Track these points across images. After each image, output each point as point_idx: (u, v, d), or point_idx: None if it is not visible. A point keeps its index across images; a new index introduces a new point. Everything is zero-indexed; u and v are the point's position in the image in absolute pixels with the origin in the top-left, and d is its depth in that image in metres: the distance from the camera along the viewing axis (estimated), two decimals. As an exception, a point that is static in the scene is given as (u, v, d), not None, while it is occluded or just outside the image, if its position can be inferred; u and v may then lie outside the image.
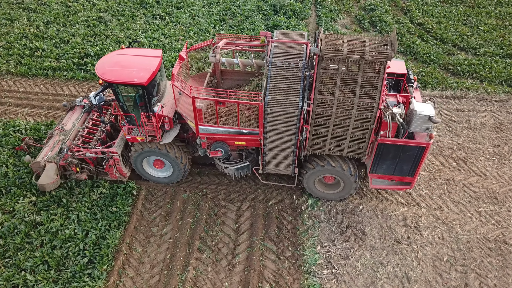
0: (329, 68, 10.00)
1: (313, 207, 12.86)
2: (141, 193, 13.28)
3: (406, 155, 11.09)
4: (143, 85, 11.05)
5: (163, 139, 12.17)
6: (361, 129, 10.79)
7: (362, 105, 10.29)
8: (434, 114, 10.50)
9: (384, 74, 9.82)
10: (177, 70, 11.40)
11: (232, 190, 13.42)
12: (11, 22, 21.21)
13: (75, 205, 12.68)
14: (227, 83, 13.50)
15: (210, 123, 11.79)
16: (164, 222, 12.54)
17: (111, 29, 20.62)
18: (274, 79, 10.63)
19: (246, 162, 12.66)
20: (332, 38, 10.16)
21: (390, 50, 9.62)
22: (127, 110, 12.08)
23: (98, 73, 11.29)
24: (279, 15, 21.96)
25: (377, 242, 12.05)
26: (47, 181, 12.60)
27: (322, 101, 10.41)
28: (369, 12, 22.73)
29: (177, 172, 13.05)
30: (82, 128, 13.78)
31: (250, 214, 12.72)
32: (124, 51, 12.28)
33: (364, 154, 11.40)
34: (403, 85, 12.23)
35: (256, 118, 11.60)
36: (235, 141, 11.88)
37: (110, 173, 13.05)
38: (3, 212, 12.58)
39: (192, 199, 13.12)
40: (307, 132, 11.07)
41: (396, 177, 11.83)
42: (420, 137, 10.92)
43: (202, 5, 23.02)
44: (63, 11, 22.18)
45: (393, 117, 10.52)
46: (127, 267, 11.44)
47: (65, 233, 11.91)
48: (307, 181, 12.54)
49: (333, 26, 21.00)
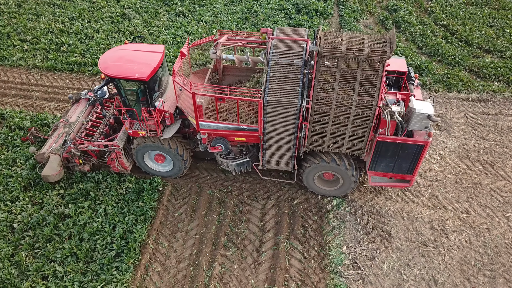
0: (328, 66, 10.04)
1: (338, 208, 12.82)
2: (166, 189, 13.38)
3: (405, 153, 11.11)
4: (144, 80, 11.18)
5: (164, 134, 12.31)
6: (360, 127, 10.82)
7: (361, 103, 10.31)
8: (433, 112, 10.48)
9: (383, 72, 9.85)
10: (178, 66, 11.55)
11: (257, 188, 13.45)
12: (37, 17, 21.51)
13: (102, 198, 12.83)
14: (228, 79, 13.65)
15: (210, 119, 11.91)
16: (189, 218, 12.61)
17: (135, 25, 20.78)
18: (273, 76, 10.70)
19: (246, 158, 12.78)
20: (331, 36, 10.20)
21: (389, 49, 9.62)
22: (129, 105, 12.21)
23: (101, 68, 11.50)
24: (301, 14, 21.90)
25: (403, 244, 11.97)
26: (51, 172, 12.80)
27: (321, 98, 10.47)
28: (392, 13, 22.56)
29: (177, 166, 13.18)
30: (86, 121, 14.01)
31: (275, 212, 12.73)
32: (127, 46, 12.46)
33: (363, 151, 11.43)
34: (403, 83, 12.22)
35: (256, 115, 11.66)
36: (235, 137, 11.99)
37: (112, 166, 13.25)
38: (32, 204, 12.78)
39: (217, 196, 13.18)
40: (306, 129, 11.13)
41: (395, 174, 11.87)
42: (419, 135, 10.90)
43: (224, 3, 23.07)
44: (88, 7, 22.42)
45: (391, 115, 10.54)
46: (154, 262, 11.54)
47: (92, 226, 12.06)
48: (307, 178, 12.59)
49: (356, 26, 20.89)
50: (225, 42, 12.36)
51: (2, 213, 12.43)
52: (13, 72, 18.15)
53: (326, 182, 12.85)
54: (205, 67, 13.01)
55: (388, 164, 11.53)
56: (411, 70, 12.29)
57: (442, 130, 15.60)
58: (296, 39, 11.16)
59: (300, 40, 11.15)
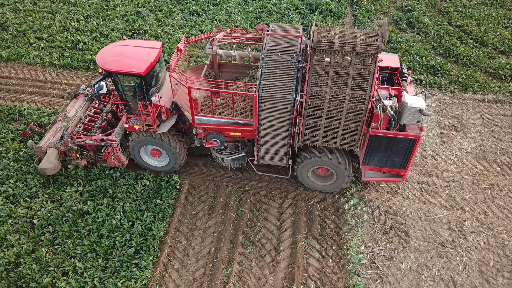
0: (322, 60, 10.18)
1: (355, 207, 12.83)
2: (184, 187, 13.44)
3: (397, 147, 11.22)
4: (140, 75, 11.33)
5: (160, 129, 12.43)
6: (353, 121, 10.94)
7: (353, 97, 10.44)
8: (424, 107, 10.56)
9: (375, 66, 9.99)
10: (174, 62, 11.66)
11: (273, 187, 13.48)
12: (52, 15, 21.68)
13: (120, 196, 12.92)
14: (225, 75, 13.82)
15: (206, 113, 12.03)
16: (207, 216, 12.67)
17: (149, 24, 20.88)
18: (268, 71, 10.84)
19: (241, 153, 12.87)
20: (324, 30, 10.36)
21: (380, 43, 9.75)
22: (126, 99, 12.34)
23: (99, 63, 11.66)
24: (315, 14, 21.90)
25: (421, 244, 11.95)
26: (48, 165, 12.95)
27: (315, 92, 10.59)
28: (406, 13, 22.49)
29: (173, 161, 13.28)
30: (84, 115, 14.17)
31: (292, 211, 12.75)
32: (125, 42, 12.64)
33: (356, 146, 11.53)
34: (396, 79, 12.33)
35: (251, 109, 11.77)
36: (230, 131, 12.14)
37: (108, 160, 13.38)
38: (51, 200, 12.90)
39: (234, 194, 13.23)
40: (301, 123, 11.23)
41: (388, 169, 11.97)
42: (411, 129, 11.01)
43: (238, 2, 23.11)
44: (102, 6, 22.55)
45: (384, 109, 10.67)
46: (172, 259, 11.61)
47: (111, 223, 12.14)
48: (301, 172, 12.68)
49: (370, 26, 20.85)
50: (221, 38, 12.54)
51: (22, 209, 12.55)
52: (29, 69, 18.31)
53: (321, 177, 13.00)
54: (202, 64, 13.22)
55: (381, 159, 11.66)
56: (404, 66, 12.47)
57: (459, 131, 15.55)
58: (291, 35, 11.35)
59: (294, 35, 11.32)
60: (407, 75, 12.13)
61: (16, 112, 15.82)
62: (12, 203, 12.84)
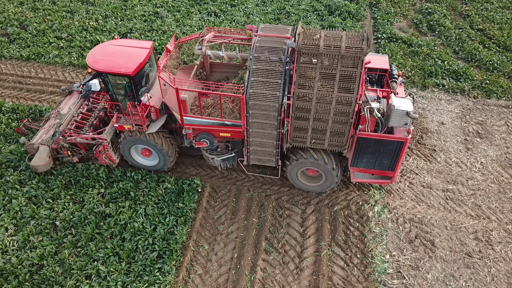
0: (310, 62, 10.14)
1: (379, 215, 12.64)
2: (205, 190, 13.35)
3: (385, 150, 11.12)
4: (129, 75, 11.32)
5: (149, 129, 12.43)
6: (340, 123, 10.93)
7: (340, 99, 10.41)
8: (412, 109, 10.46)
9: (361, 69, 9.89)
10: (163, 63, 11.59)
11: (296, 192, 13.33)
12: (71, 14, 21.69)
13: (142, 199, 12.85)
14: (216, 76, 13.80)
15: (196, 114, 12.01)
16: (229, 220, 12.56)
17: (168, 24, 20.81)
18: (255, 72, 10.80)
19: (231, 153, 12.85)
20: (309, 32, 10.31)
21: (365, 46, 9.71)
22: (116, 99, 12.32)
23: (88, 62, 11.67)
24: (334, 16, 21.69)
25: (448, 254, 11.74)
26: (39, 163, 13.04)
27: (302, 95, 10.53)
28: (426, 16, 22.18)
29: (162, 161, 13.29)
30: (77, 113, 14.20)
31: (315, 218, 12.60)
32: (116, 41, 12.60)
33: (344, 147, 11.48)
34: (385, 81, 12.23)
35: (240, 111, 11.76)
36: (219, 132, 12.14)
37: (99, 158, 13.41)
38: (73, 202, 12.87)
39: (256, 199, 13.10)
40: (288, 125, 11.17)
41: (377, 171, 11.89)
42: (399, 132, 10.96)
43: (256, 3, 22.96)
44: (120, 5, 22.52)
45: (371, 112, 10.59)
46: (195, 264, 11.52)
47: (134, 226, 12.08)
48: (290, 173, 12.70)
49: (390, 29, 20.58)
50: (211, 38, 12.50)
51: (44, 210, 12.53)
52: (49, 69, 18.32)
53: (310, 178, 12.96)
54: (192, 64, 13.29)
55: (370, 161, 11.56)
56: (394, 67, 12.37)
57: (483, 137, 15.28)
58: (279, 36, 11.31)
59: (282, 37, 11.28)
60: (397, 76, 12.09)
61: (37, 112, 15.84)
62: (35, 204, 12.83)
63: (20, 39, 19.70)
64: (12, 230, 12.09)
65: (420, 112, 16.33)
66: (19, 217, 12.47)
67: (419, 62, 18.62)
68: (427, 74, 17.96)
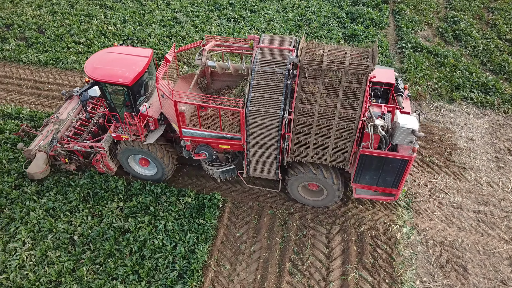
0: (311, 78, 9.79)
1: (408, 237, 12.12)
2: (226, 206, 12.94)
3: (389, 167, 10.75)
4: (127, 85, 10.99)
5: (147, 139, 12.16)
6: (343, 139, 10.61)
7: (343, 116, 10.12)
8: (417, 127, 10.04)
9: (366, 85, 9.59)
10: (162, 73, 11.28)
11: (320, 211, 12.85)
12: (89, 18, 21.44)
13: (162, 214, 12.48)
14: (217, 84, 13.46)
15: (196, 125, 11.83)
16: (251, 239, 12.13)
17: (187, 30, 20.44)
18: (256, 86, 10.48)
19: (231, 165, 12.49)
20: (313, 47, 9.94)
21: (370, 63, 9.43)
22: (114, 108, 12.00)
23: (86, 70, 11.34)
24: (356, 24, 21.14)
25: (481, 281, 11.18)
26: (36, 170, 12.83)
27: (304, 110, 10.19)
28: (451, 25, 21.52)
29: (160, 171, 13.03)
30: (76, 119, 13.94)
31: (341, 239, 12.11)
32: (115, 49, 12.24)
33: (347, 164, 11.14)
34: (390, 95, 11.80)
35: (239, 123, 11.44)
36: (219, 144, 11.80)
37: (97, 166, 13.18)
38: (92, 216, 12.54)
39: (279, 217, 12.66)
40: (289, 139, 10.89)
41: (380, 188, 11.44)
42: (403, 149, 10.55)
43: (276, 9, 22.50)
44: (139, 10, 22.22)
45: (375, 129, 10.22)
46: (217, 285, 11.11)
47: (153, 243, 11.72)
48: (291, 187, 12.41)
49: (415, 38, 19.98)
50: (211, 48, 12.19)
51: (62, 224, 12.23)
52: (67, 74, 18.06)
53: (311, 192, 12.61)
54: (192, 72, 12.98)
55: (373, 177, 11.18)
56: (400, 81, 11.94)
57: (515, 155, 14.66)
58: (281, 48, 10.86)
59: (285, 49, 10.83)
60: (403, 90, 11.64)
61: (55, 119, 15.55)
62: (52, 216, 12.53)
63: (38, 43, 19.49)
64: (30, 244, 11.80)
65: (448, 127, 15.75)
66: (37, 230, 12.18)
67: (446, 73, 18.00)
68: (454, 87, 17.35)
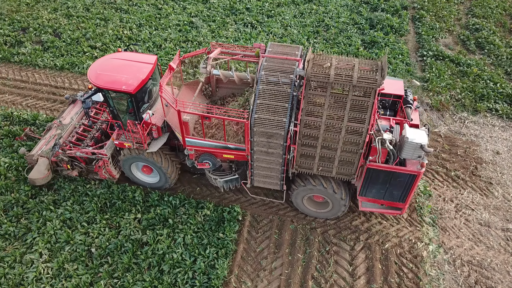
0: (317, 90, 9.64)
1: (435, 255, 11.72)
2: (246, 219, 12.62)
3: (396, 181, 10.53)
4: (130, 93, 10.78)
5: (150, 148, 11.95)
6: (350, 153, 10.37)
7: (350, 129, 9.91)
8: (426, 142, 9.78)
9: (374, 99, 9.40)
10: (166, 81, 11.04)
11: (343, 226, 12.49)
12: (105, 22, 21.24)
13: (181, 227, 12.19)
14: (222, 91, 13.21)
15: (199, 133, 11.71)
16: (273, 255, 11.80)
17: (203, 35, 20.17)
18: (261, 96, 10.29)
19: (235, 175, 12.34)
20: (320, 60, 9.69)
21: (379, 77, 9.20)
22: (117, 115, 11.82)
23: (89, 77, 11.12)
24: (375, 30, 20.73)
25: (512, 304, 10.77)
26: (38, 176, 12.64)
27: (310, 122, 10.01)
28: (473, 32, 21.02)
29: (163, 179, 12.89)
30: (79, 124, 13.78)
31: (365, 256, 11.74)
32: (119, 54, 12.03)
33: (353, 177, 10.92)
34: (399, 108, 11.51)
35: (244, 134, 11.20)
36: (223, 154, 11.52)
37: (99, 173, 12.98)
38: (109, 227, 12.29)
39: (300, 232, 12.32)
40: (295, 151, 10.69)
41: (387, 202, 11.18)
42: (411, 164, 10.31)
43: (293, 14, 22.15)
44: (154, 14, 21.98)
45: (382, 143, 10.00)
46: (238, 303, 10.81)
47: (172, 257, 11.43)
48: (296, 198, 12.18)
49: (437, 46, 19.53)
50: (216, 56, 11.94)
51: (79, 235, 11.99)
52: (83, 79, 17.86)
53: (316, 203, 12.35)
54: (197, 79, 12.79)
55: (379, 191, 10.95)
56: (409, 92, 11.66)
57: (543, 170, 14.18)
58: (288, 58, 10.63)
59: (291, 59, 10.61)
60: (412, 101, 11.37)
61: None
62: (69, 227, 12.30)
63: (54, 47, 19.32)
64: (47, 256, 11.57)
65: (473, 140, 15.30)
66: (54, 241, 11.95)
67: (469, 83, 17.55)
68: (478, 97, 16.89)
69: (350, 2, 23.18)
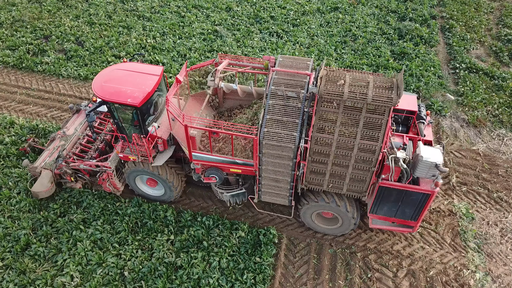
0: (329, 107, 9.35)
1: (482, 284, 11.18)
2: (282, 242, 12.17)
3: (409, 200, 10.21)
4: (136, 106, 10.44)
5: (155, 161, 11.67)
6: (362, 170, 10.04)
7: (363, 147, 9.57)
8: (441, 161, 9.43)
9: (388, 117, 9.11)
10: (172, 94, 10.69)
11: (384, 250, 11.99)
12: (128, 30, 20.87)
13: (216, 249, 11.75)
14: (229, 103, 12.87)
15: (206, 146, 11.46)
16: (312, 281, 11.33)
17: (229, 44, 19.73)
18: (271, 110, 9.98)
19: (242, 189, 12.05)
20: (333, 76, 9.43)
21: (395, 95, 8.86)
22: (122, 128, 11.49)
23: (93, 88, 10.76)
24: (405, 41, 20.18)
25: None
26: (41, 189, 12.41)
27: (321, 139, 9.70)
28: (506, 44, 20.40)
29: (168, 193, 12.69)
30: (83, 135, 13.52)
31: (409, 284, 11.23)
32: (124, 65, 11.67)
33: (364, 194, 10.62)
34: (412, 124, 11.31)
35: (252, 149, 10.82)
36: (230, 168, 11.28)
37: (103, 186, 12.67)
38: (142, 249, 11.88)
39: (340, 257, 11.83)
40: (304, 168, 10.36)
41: (398, 220, 10.97)
42: (425, 183, 9.96)
43: (319, 23, 21.65)
44: (178, 22, 21.57)
45: (396, 162, 9.66)
46: (278, 333, 10.34)
47: (209, 283, 11.00)
48: (304, 214, 11.89)
49: (469, 58, 18.94)
50: (224, 68, 11.62)
51: (111, 257, 11.60)
52: (108, 90, 17.47)
53: (325, 220, 12.09)
54: (204, 91, 12.50)
55: (391, 209, 10.64)
56: (423, 107, 11.28)
57: None
58: (299, 72, 10.25)
59: (302, 73, 10.25)
60: (425, 116, 11.02)
61: (98, 140, 14.97)
62: (100, 248, 11.91)
63: (77, 56, 18.98)
64: (79, 279, 11.18)
65: (513, 158, 14.73)
66: (85, 263, 11.57)
67: (505, 98, 16.97)
68: (516, 113, 16.32)
69: (377, 11, 22.64)
